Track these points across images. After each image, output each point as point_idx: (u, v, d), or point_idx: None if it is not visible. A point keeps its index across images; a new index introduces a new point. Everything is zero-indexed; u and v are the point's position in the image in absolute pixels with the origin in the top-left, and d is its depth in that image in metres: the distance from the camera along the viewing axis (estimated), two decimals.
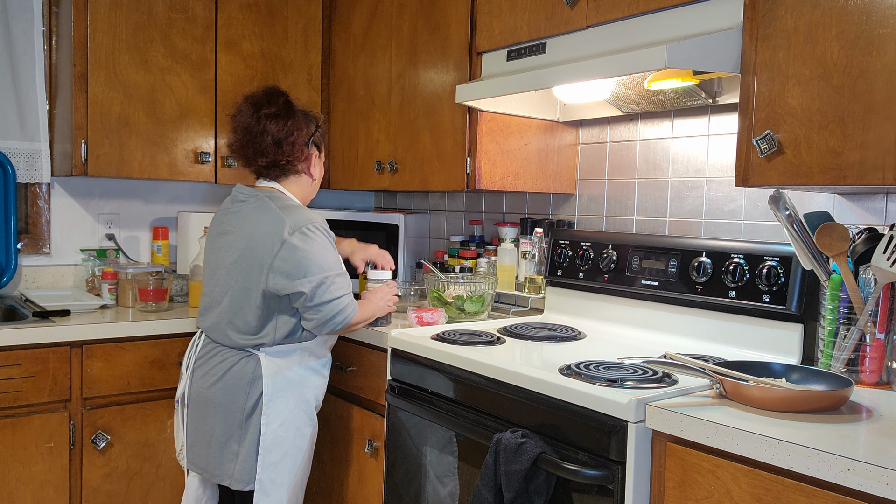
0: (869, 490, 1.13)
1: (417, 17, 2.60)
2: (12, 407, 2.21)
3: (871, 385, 1.62)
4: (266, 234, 1.95)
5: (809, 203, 1.93)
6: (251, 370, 1.98)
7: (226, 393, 1.98)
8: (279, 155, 2.03)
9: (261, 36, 2.90)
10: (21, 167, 2.77)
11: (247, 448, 1.97)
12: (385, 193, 3.58)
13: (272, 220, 1.96)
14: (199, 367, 2.06)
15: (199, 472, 2.06)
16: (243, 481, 1.98)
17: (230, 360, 2.00)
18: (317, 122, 2.16)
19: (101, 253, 2.91)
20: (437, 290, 2.43)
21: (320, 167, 2.19)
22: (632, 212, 2.40)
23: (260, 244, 1.95)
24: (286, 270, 1.92)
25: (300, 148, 2.07)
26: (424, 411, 1.96)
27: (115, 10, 2.57)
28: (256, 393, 1.97)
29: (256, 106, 2.04)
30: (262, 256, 1.95)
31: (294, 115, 2.05)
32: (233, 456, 1.98)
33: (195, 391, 2.05)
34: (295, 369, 2.03)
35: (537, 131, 2.49)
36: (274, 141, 2.02)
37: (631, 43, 1.88)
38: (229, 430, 1.99)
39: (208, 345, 2.07)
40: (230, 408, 1.98)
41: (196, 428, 2.06)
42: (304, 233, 1.94)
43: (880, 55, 1.43)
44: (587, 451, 1.54)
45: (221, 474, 2.00)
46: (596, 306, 2.32)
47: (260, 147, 2.03)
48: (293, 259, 1.92)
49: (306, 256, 1.92)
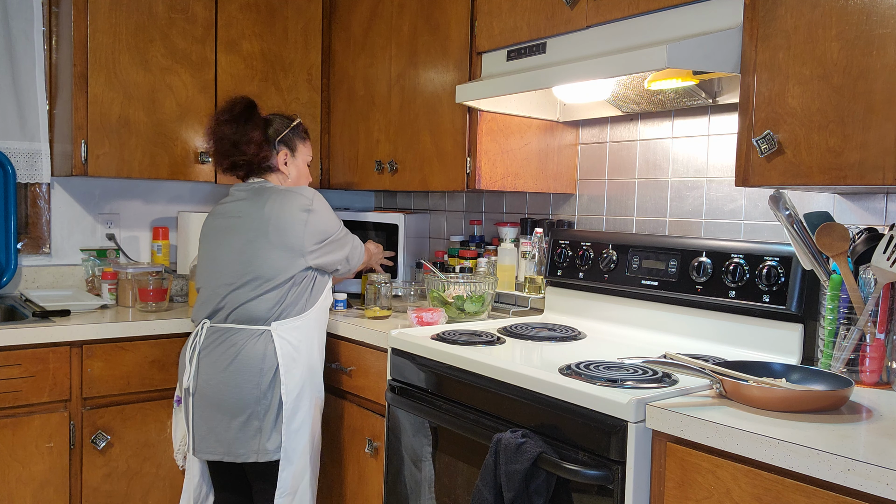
0: (869, 490, 1.13)
1: (417, 17, 2.60)
2: (12, 407, 2.21)
3: (871, 385, 1.62)
4: (281, 213, 2.11)
5: (809, 203, 1.93)
6: (262, 347, 2.07)
7: (240, 374, 2.06)
8: (238, 156, 2.19)
9: (261, 36, 2.90)
10: (21, 167, 2.77)
11: (269, 421, 2.07)
12: (385, 193, 3.58)
13: (282, 199, 2.13)
14: (206, 357, 2.11)
15: (220, 457, 2.11)
16: (269, 452, 2.08)
17: (240, 343, 2.08)
18: (289, 123, 2.30)
19: (102, 253, 2.91)
20: (437, 290, 2.43)
21: (296, 165, 2.32)
22: (632, 212, 2.40)
23: (277, 223, 2.10)
24: (318, 239, 2.14)
25: (259, 147, 2.20)
26: (424, 411, 1.96)
27: (116, 10, 2.57)
28: (271, 367, 2.07)
29: (217, 114, 2.24)
30: (284, 232, 2.10)
31: (251, 119, 2.20)
32: (255, 432, 2.07)
33: (204, 380, 2.10)
34: (303, 339, 2.14)
35: (537, 131, 2.49)
36: (231, 143, 2.19)
37: (631, 43, 1.88)
38: (248, 409, 2.07)
39: (213, 334, 2.13)
40: (246, 387, 2.06)
41: (209, 416, 2.11)
42: (311, 206, 2.14)
43: (880, 55, 1.43)
44: (587, 451, 1.54)
45: (246, 452, 2.08)
46: (596, 306, 2.32)
47: (222, 149, 2.21)
48: (318, 229, 2.14)
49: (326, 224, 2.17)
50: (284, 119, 2.30)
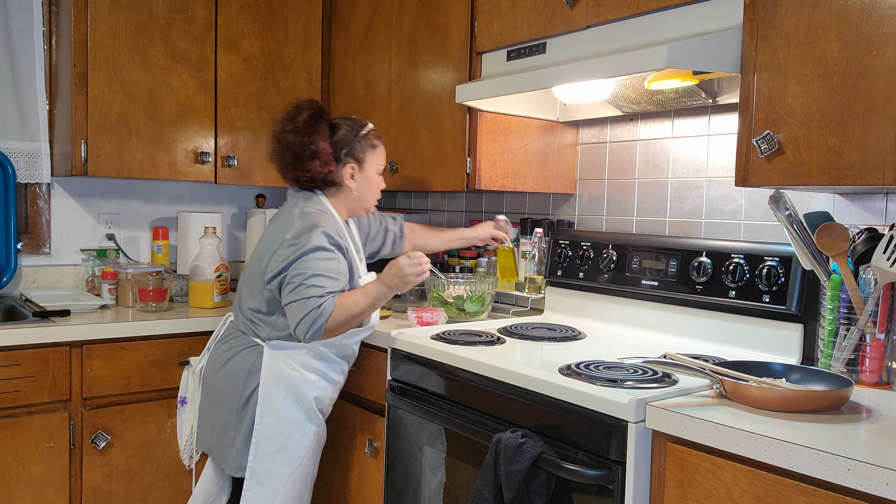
0: (869, 490, 1.13)
1: (417, 17, 2.60)
2: (12, 407, 2.21)
3: (871, 385, 1.62)
4: (274, 234, 2.03)
5: (809, 203, 1.93)
6: (251, 362, 2.02)
7: (226, 381, 2.05)
8: (301, 171, 2.05)
9: (261, 36, 2.90)
10: (21, 167, 2.77)
11: (242, 436, 2.02)
12: (385, 193, 3.57)
13: (284, 223, 2.03)
14: (214, 351, 2.15)
15: (208, 453, 2.13)
16: (235, 468, 2.03)
17: (234, 350, 2.07)
18: (357, 131, 2.11)
19: (101, 253, 2.91)
20: (437, 290, 2.43)
21: (365, 177, 2.13)
22: (632, 212, 2.40)
23: (267, 242, 2.04)
24: (272, 269, 1.96)
25: (323, 164, 2.04)
26: (424, 411, 1.96)
27: (115, 10, 2.57)
28: (253, 384, 2.01)
29: (281, 122, 2.08)
30: (265, 253, 2.02)
31: (316, 130, 2.04)
32: (230, 442, 2.04)
33: (206, 374, 2.14)
34: (295, 367, 2.02)
35: (537, 131, 2.49)
36: (294, 156, 2.04)
37: (631, 43, 1.88)
38: (228, 417, 2.05)
39: (227, 330, 2.15)
40: (229, 396, 2.04)
41: (203, 409, 2.15)
42: (299, 240, 1.94)
43: (880, 55, 1.43)
44: (587, 451, 1.54)
45: (222, 458, 2.07)
46: (596, 306, 2.32)
47: (285, 162, 2.07)
48: (279, 258, 1.94)
49: (294, 258, 1.92)
50: (353, 127, 2.12)
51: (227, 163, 2.83)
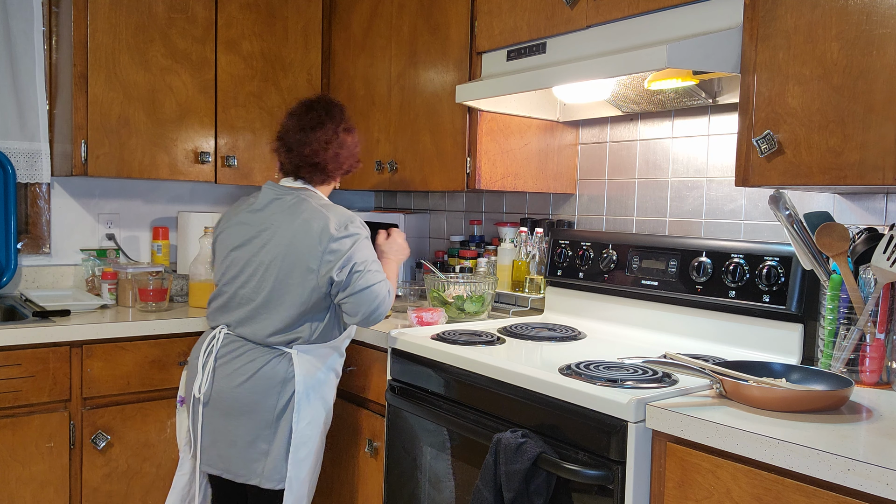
0: (869, 490, 1.13)
1: (417, 17, 2.60)
2: (12, 407, 2.21)
3: (871, 385, 1.62)
4: (313, 232, 1.95)
5: (809, 203, 1.93)
6: (283, 370, 1.97)
7: (255, 393, 1.96)
8: (335, 167, 2.12)
9: (261, 36, 2.90)
10: (21, 167, 2.77)
11: (277, 447, 1.97)
12: (385, 193, 3.58)
13: (318, 218, 1.97)
14: (223, 366, 2.00)
15: (219, 472, 2.03)
16: (274, 480, 1.97)
17: (261, 360, 1.97)
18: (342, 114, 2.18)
19: (101, 253, 2.91)
20: (437, 290, 2.43)
21: None
22: (632, 212, 2.40)
23: (306, 242, 1.95)
24: (334, 264, 1.93)
25: (357, 160, 2.18)
26: (424, 411, 1.96)
27: (115, 10, 2.57)
28: (288, 392, 1.97)
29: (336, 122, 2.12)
30: (308, 253, 1.94)
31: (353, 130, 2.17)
32: (261, 455, 1.97)
33: (217, 390, 2.00)
34: (322, 368, 2.05)
35: (537, 131, 2.49)
36: (347, 154, 2.13)
37: (631, 43, 1.88)
38: (257, 430, 1.97)
39: (233, 342, 2.02)
40: (259, 408, 1.96)
41: (216, 428, 2.01)
42: (348, 229, 1.98)
43: (880, 55, 1.43)
44: (587, 451, 1.54)
45: (248, 474, 1.98)
46: (596, 306, 2.32)
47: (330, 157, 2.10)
48: (341, 249, 1.95)
49: (351, 251, 1.95)
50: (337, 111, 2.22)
51: (227, 163, 2.83)
